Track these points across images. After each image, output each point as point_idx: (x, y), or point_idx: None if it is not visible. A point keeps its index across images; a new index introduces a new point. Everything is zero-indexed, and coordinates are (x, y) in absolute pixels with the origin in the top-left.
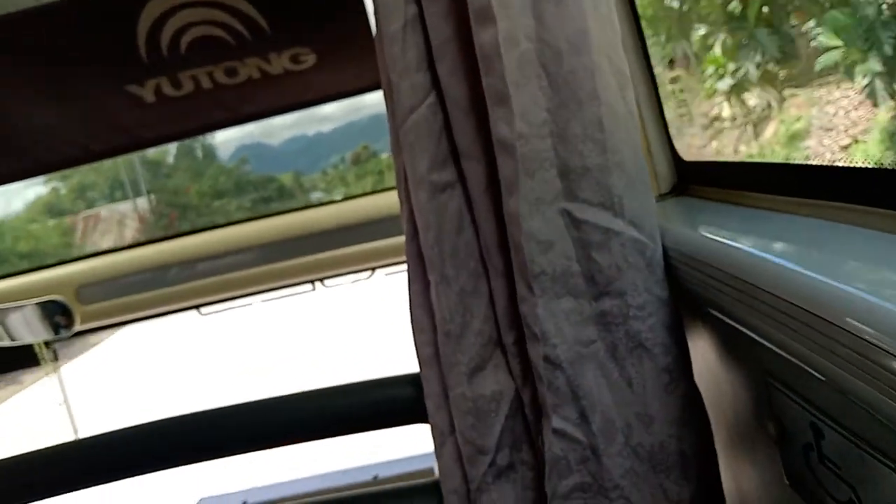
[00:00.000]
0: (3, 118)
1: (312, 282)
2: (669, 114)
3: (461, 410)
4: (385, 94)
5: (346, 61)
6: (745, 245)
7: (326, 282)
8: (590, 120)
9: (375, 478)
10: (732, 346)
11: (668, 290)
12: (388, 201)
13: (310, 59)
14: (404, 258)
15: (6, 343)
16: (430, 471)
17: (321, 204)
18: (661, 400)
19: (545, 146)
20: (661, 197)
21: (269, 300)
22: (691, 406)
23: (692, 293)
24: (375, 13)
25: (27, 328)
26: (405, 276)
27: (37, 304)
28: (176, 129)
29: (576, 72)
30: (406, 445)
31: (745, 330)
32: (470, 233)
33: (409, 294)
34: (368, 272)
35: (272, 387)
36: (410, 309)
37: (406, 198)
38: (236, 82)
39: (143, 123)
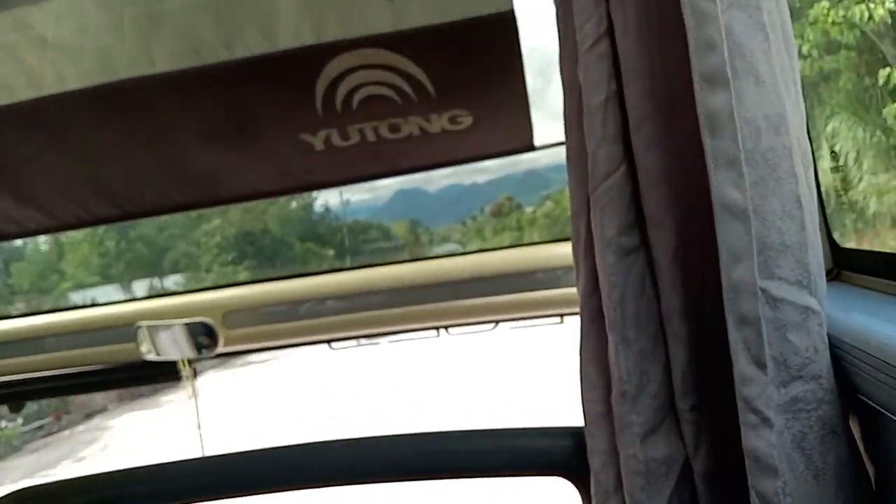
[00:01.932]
0: (187, 153)
1: (437, 328)
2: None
3: (632, 471)
4: (569, 163)
5: (500, 124)
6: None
7: (451, 330)
8: (788, 197)
9: None
10: (883, 433)
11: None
12: (517, 257)
13: (467, 121)
14: (528, 313)
15: (154, 358)
16: None
17: (451, 255)
18: (848, 492)
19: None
20: None
21: (395, 341)
22: (872, 498)
23: (845, 378)
24: (570, 88)
25: (174, 345)
26: (524, 330)
27: (186, 324)
28: (339, 176)
29: (775, 150)
30: None
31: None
32: (651, 296)
33: (581, 351)
34: (492, 325)
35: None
36: (581, 365)
37: (586, 258)
38: (398, 137)
39: (311, 169)
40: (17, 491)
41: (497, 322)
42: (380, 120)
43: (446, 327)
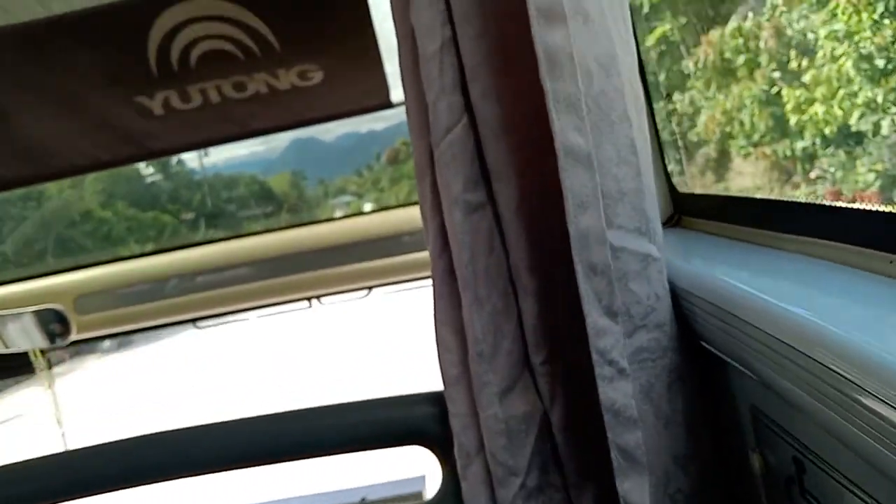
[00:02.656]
0: (14, 123)
1: (309, 299)
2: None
3: (492, 431)
4: (410, 113)
5: (353, 79)
6: (734, 280)
7: (324, 300)
8: (623, 142)
9: (363, 500)
10: (721, 378)
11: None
12: (386, 221)
13: (317, 76)
14: (402, 278)
15: (1, 350)
16: (419, 494)
17: (319, 221)
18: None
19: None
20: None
21: (265, 315)
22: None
23: (686, 325)
24: (405, 35)
25: (24, 336)
26: (401, 296)
27: (34, 312)
28: (183, 141)
29: (606, 93)
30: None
31: (733, 363)
32: (500, 253)
33: (435, 311)
34: (365, 291)
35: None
36: (436, 327)
37: (433, 216)
38: (244, 97)
39: (151, 134)
40: None
41: (370, 288)
42: (222, 78)
43: (319, 297)
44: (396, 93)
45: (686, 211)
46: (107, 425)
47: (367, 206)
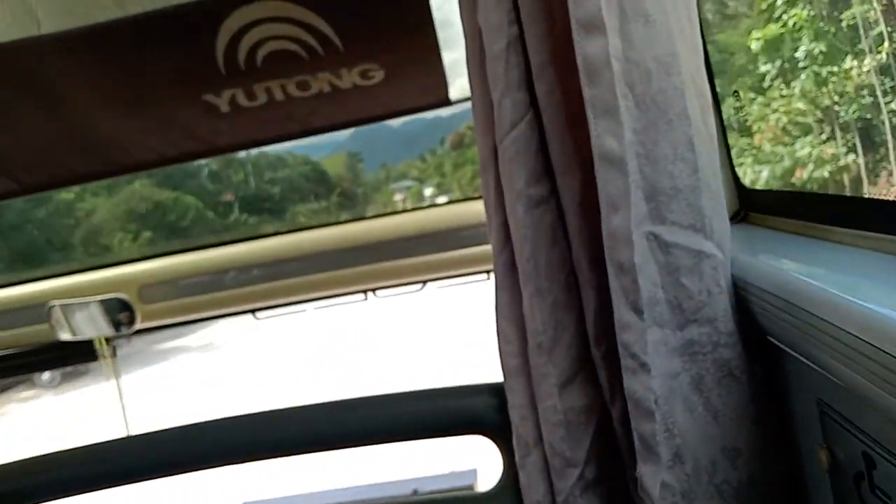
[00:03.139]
0: (84, 120)
1: (365, 291)
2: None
3: (551, 422)
4: (476, 109)
5: (413, 78)
6: (801, 274)
7: (379, 293)
8: (680, 140)
9: (415, 492)
10: (787, 372)
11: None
12: (443, 215)
13: (378, 75)
14: (456, 272)
15: (69, 337)
16: (471, 487)
17: (376, 216)
18: (749, 432)
19: (633, 167)
20: None
21: (322, 307)
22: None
23: (750, 320)
24: (472, 33)
25: (90, 324)
26: (454, 290)
27: (100, 300)
28: (247, 137)
29: (666, 92)
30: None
31: (800, 357)
32: (563, 246)
33: (497, 304)
34: (420, 285)
35: None
36: (497, 320)
37: (497, 211)
38: (307, 95)
39: (217, 131)
40: None
41: (425, 282)
42: (287, 77)
43: (374, 290)
44: (454, 90)
45: (753, 207)
46: (169, 409)
47: (428, 191)
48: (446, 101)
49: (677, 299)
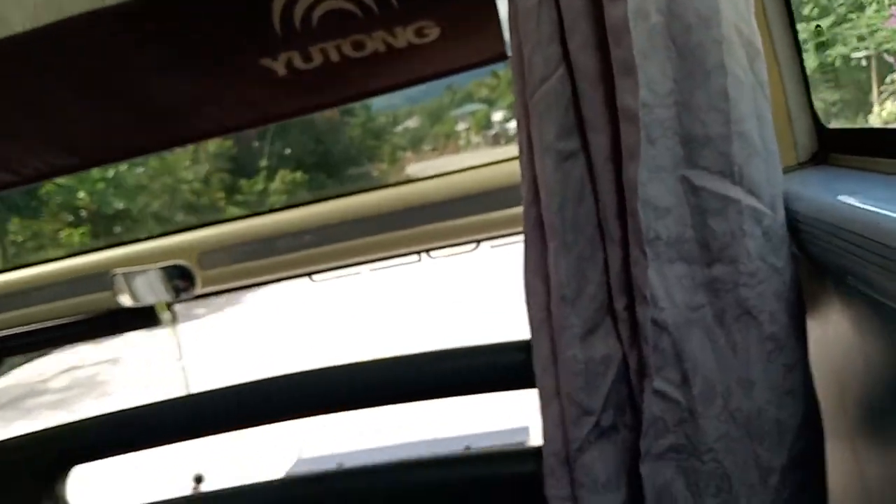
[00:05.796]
0: (148, 90)
1: (419, 252)
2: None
3: (571, 372)
4: (513, 66)
5: (469, 35)
6: (884, 210)
7: (432, 253)
8: (715, 90)
9: (467, 448)
10: (869, 317)
11: (787, 261)
12: (493, 174)
13: (434, 33)
14: (508, 231)
15: (131, 304)
16: (523, 443)
17: (424, 179)
18: (763, 367)
19: (669, 115)
20: (801, 166)
21: (376, 269)
22: (796, 376)
23: (827, 263)
24: None
25: (151, 290)
26: (509, 248)
27: (161, 268)
28: (306, 103)
29: (704, 44)
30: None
31: (884, 300)
32: (590, 201)
33: (525, 259)
34: (473, 245)
35: None
36: (525, 273)
37: (528, 165)
38: (362, 55)
39: (274, 98)
40: None
41: (478, 242)
42: (343, 38)
43: (427, 251)
44: None
45: (835, 147)
46: (231, 368)
47: (498, 115)
48: (504, 56)
49: (704, 238)
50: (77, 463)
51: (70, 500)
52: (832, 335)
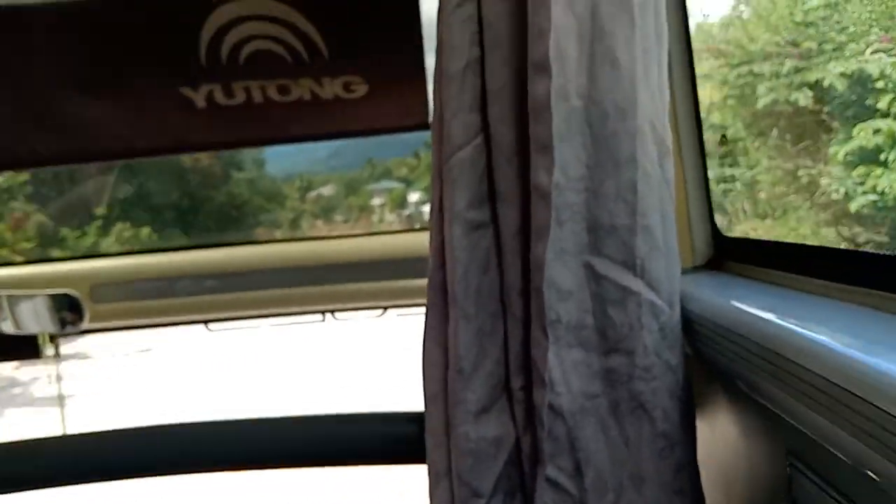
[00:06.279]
0: (55, 100)
1: (323, 312)
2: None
3: (461, 450)
4: (433, 129)
5: (396, 97)
6: (775, 318)
7: (338, 315)
8: (624, 182)
9: None
10: (754, 420)
11: (680, 359)
12: (409, 242)
13: (361, 90)
14: (416, 301)
15: (12, 331)
16: None
17: (340, 236)
18: (654, 464)
19: (579, 200)
20: (696, 269)
21: (277, 325)
22: (685, 476)
23: (716, 365)
24: (438, 51)
25: (35, 319)
26: (417, 318)
27: (49, 295)
28: (221, 138)
29: (618, 134)
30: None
31: (769, 406)
32: (495, 274)
33: (426, 326)
34: (381, 310)
35: None
36: (425, 341)
37: (437, 231)
38: (287, 100)
39: (191, 128)
40: None
41: (385, 308)
42: (268, 79)
43: (332, 311)
44: None
45: (730, 254)
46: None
47: (415, 196)
48: (426, 125)
49: (603, 327)
50: None
51: None
52: (719, 435)
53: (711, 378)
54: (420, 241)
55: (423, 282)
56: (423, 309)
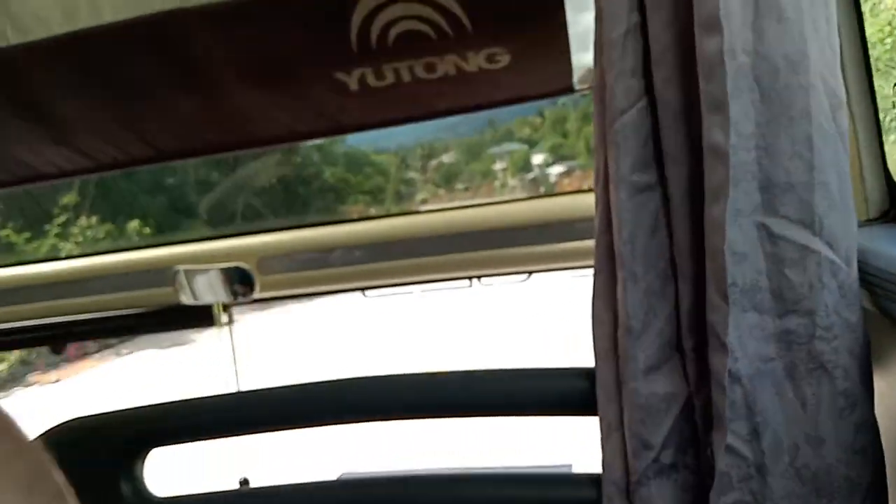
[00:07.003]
0: (219, 92)
1: (470, 278)
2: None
3: (633, 404)
4: (595, 96)
5: (538, 64)
6: None
7: (484, 280)
8: (799, 137)
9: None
10: None
11: (859, 315)
12: (552, 206)
13: (504, 60)
14: (560, 265)
15: (190, 301)
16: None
17: (480, 205)
18: (834, 424)
19: (749, 158)
20: (870, 221)
21: (428, 290)
22: (866, 434)
23: (886, 314)
24: (598, 18)
25: (210, 290)
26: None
27: (222, 269)
28: (374, 118)
29: (790, 89)
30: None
31: None
32: (663, 235)
33: (594, 288)
34: (525, 275)
35: None
36: (593, 302)
37: (603, 194)
38: (433, 77)
39: (346, 110)
40: (66, 422)
41: (531, 273)
42: (415, 58)
43: (479, 277)
44: (579, 78)
45: None
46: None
47: (538, 158)
48: (570, 89)
49: (779, 289)
50: (156, 445)
51: (147, 482)
52: None
53: (890, 333)
54: (566, 205)
55: (572, 245)
56: (571, 272)
